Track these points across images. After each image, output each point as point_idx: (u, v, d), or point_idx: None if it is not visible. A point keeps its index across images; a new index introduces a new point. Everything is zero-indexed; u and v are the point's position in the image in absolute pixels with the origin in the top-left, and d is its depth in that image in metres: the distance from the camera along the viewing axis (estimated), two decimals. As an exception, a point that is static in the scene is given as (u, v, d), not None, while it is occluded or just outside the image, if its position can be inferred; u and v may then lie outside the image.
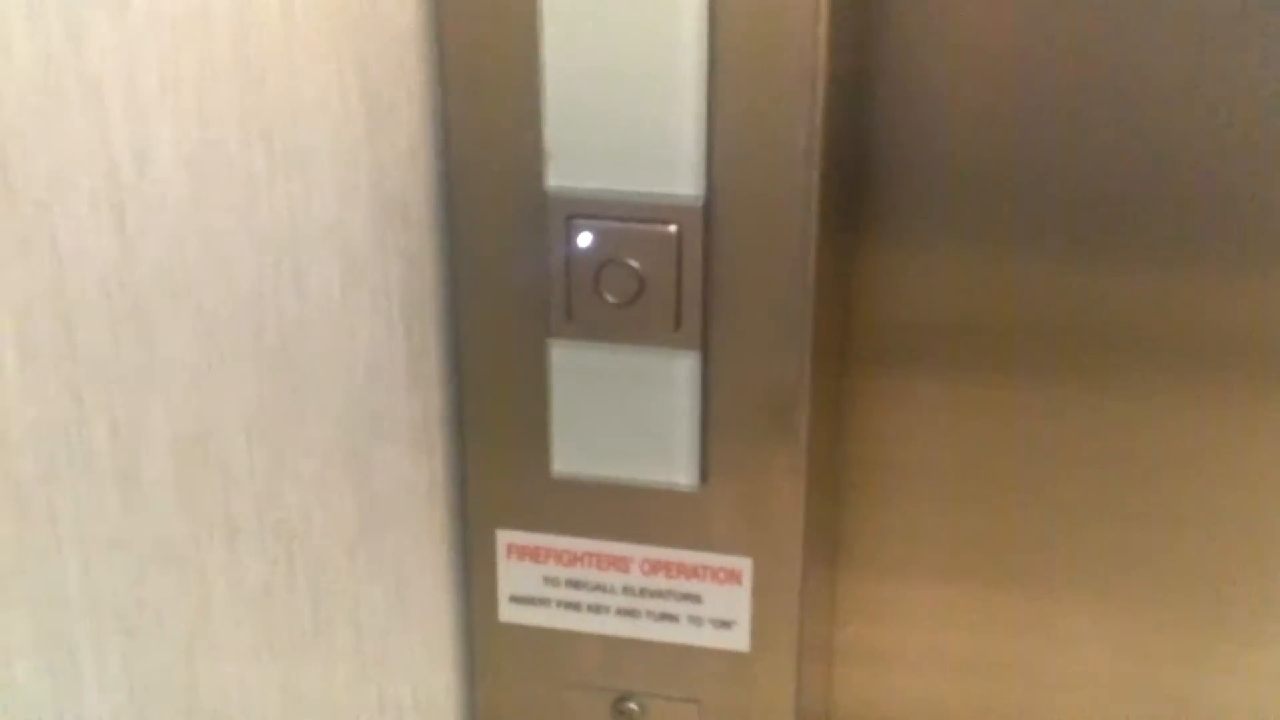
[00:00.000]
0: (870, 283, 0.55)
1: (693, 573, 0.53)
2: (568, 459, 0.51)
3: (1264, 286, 0.52)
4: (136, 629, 0.35)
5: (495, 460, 0.52)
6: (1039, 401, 0.55)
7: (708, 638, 0.54)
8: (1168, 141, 0.50)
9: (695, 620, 0.53)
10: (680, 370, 0.49)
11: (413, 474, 0.50)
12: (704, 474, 0.51)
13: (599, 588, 0.54)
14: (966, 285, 0.54)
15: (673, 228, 0.47)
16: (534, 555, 0.53)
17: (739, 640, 0.53)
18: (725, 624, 0.53)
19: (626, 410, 0.50)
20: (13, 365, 0.31)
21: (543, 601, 0.54)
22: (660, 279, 0.48)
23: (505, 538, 0.53)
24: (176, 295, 0.35)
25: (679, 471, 0.51)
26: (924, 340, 0.55)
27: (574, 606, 0.54)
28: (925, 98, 0.51)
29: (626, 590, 0.53)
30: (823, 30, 0.45)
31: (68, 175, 0.32)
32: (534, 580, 0.54)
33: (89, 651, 0.34)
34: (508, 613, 0.55)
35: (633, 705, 0.55)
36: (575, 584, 0.54)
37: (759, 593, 0.52)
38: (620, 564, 0.53)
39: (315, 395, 0.41)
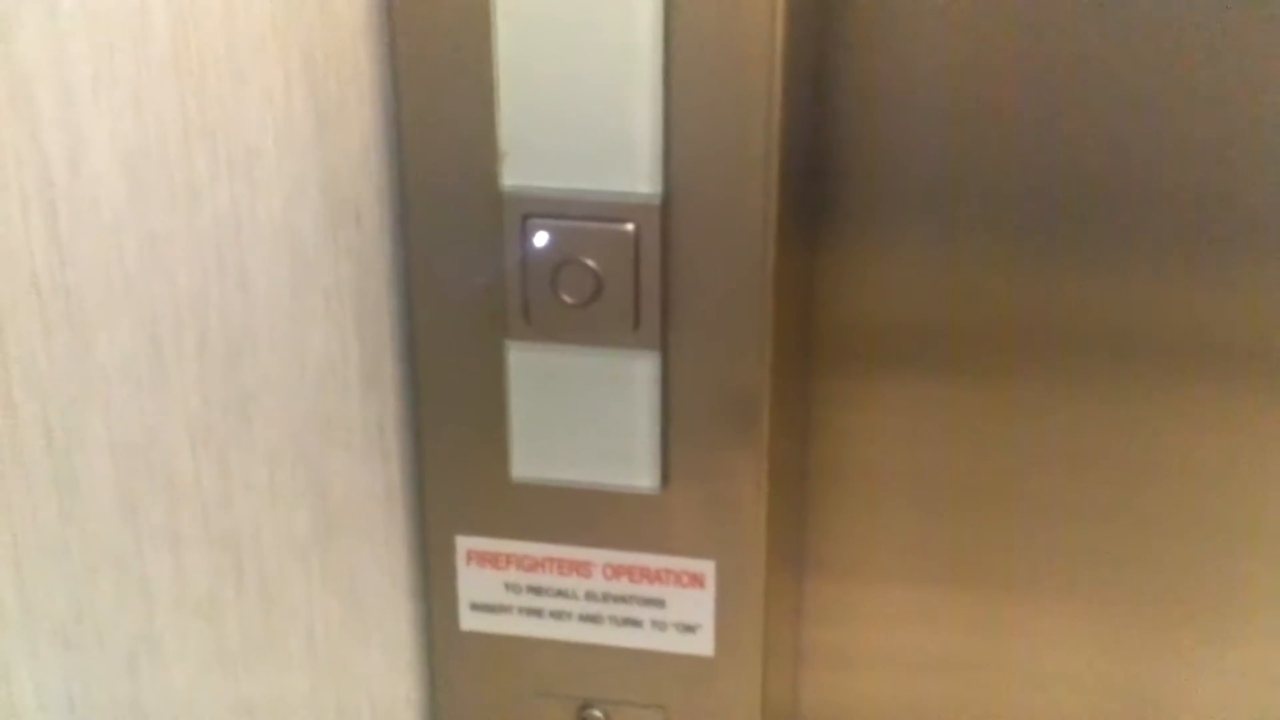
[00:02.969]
0: (834, 283, 0.54)
1: (655, 577, 0.52)
2: (527, 463, 0.51)
3: (1233, 286, 0.51)
4: (76, 642, 0.34)
5: (453, 465, 0.51)
6: (1005, 402, 0.55)
7: (672, 643, 0.53)
8: (1136, 137, 0.50)
9: (659, 625, 0.53)
10: (640, 371, 0.49)
11: (369, 480, 0.49)
12: (665, 476, 0.50)
13: (561, 593, 0.53)
14: (932, 285, 0.53)
15: (630, 226, 0.47)
16: (494, 562, 0.53)
17: (703, 645, 0.53)
18: (689, 628, 0.53)
19: (586, 412, 0.50)
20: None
21: (504, 609, 0.53)
22: (618, 279, 0.47)
23: (465, 544, 0.53)
24: (114, 299, 0.34)
25: (640, 474, 0.50)
26: (889, 341, 0.55)
27: (536, 613, 0.53)
28: (888, 94, 0.51)
29: (589, 596, 0.53)
30: (780, 26, 0.44)
31: (-2, 176, 0.31)
32: (495, 587, 0.53)
33: (25, 666, 0.33)
34: (468, 621, 0.54)
35: (597, 713, 0.54)
36: (537, 590, 0.53)
37: (723, 596, 0.52)
38: (582, 569, 0.52)
39: (265, 401, 0.40)
